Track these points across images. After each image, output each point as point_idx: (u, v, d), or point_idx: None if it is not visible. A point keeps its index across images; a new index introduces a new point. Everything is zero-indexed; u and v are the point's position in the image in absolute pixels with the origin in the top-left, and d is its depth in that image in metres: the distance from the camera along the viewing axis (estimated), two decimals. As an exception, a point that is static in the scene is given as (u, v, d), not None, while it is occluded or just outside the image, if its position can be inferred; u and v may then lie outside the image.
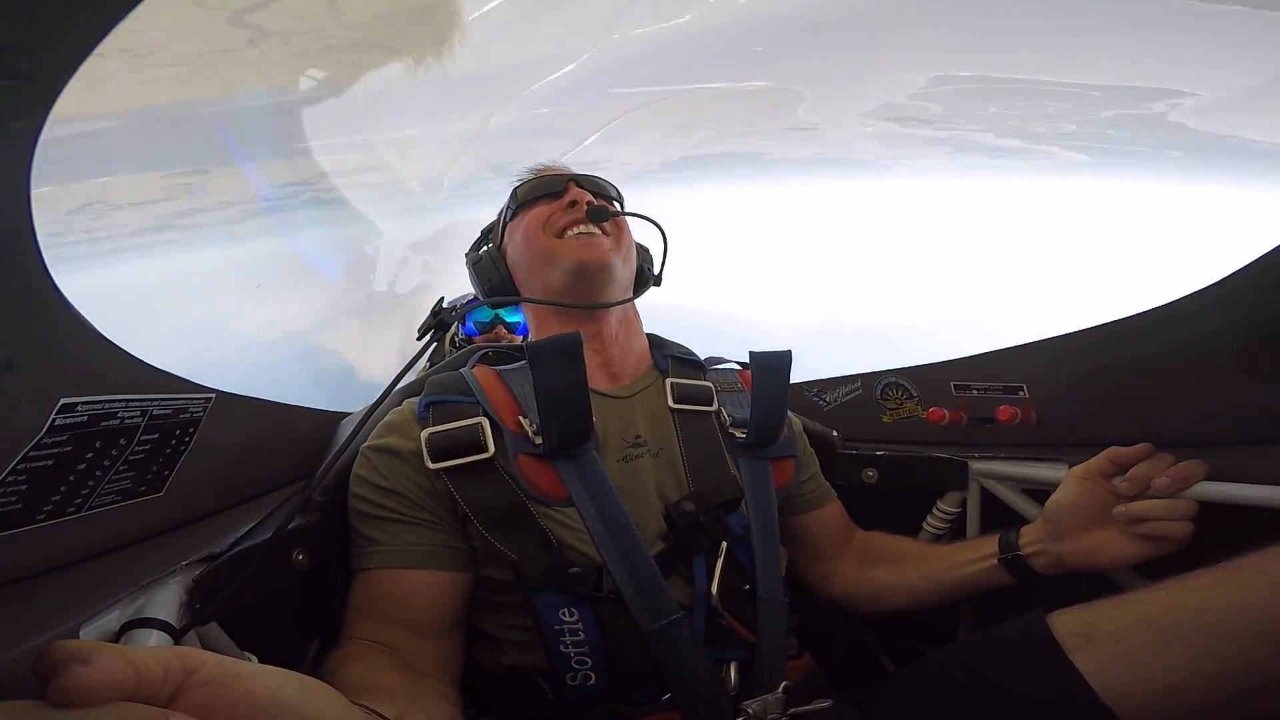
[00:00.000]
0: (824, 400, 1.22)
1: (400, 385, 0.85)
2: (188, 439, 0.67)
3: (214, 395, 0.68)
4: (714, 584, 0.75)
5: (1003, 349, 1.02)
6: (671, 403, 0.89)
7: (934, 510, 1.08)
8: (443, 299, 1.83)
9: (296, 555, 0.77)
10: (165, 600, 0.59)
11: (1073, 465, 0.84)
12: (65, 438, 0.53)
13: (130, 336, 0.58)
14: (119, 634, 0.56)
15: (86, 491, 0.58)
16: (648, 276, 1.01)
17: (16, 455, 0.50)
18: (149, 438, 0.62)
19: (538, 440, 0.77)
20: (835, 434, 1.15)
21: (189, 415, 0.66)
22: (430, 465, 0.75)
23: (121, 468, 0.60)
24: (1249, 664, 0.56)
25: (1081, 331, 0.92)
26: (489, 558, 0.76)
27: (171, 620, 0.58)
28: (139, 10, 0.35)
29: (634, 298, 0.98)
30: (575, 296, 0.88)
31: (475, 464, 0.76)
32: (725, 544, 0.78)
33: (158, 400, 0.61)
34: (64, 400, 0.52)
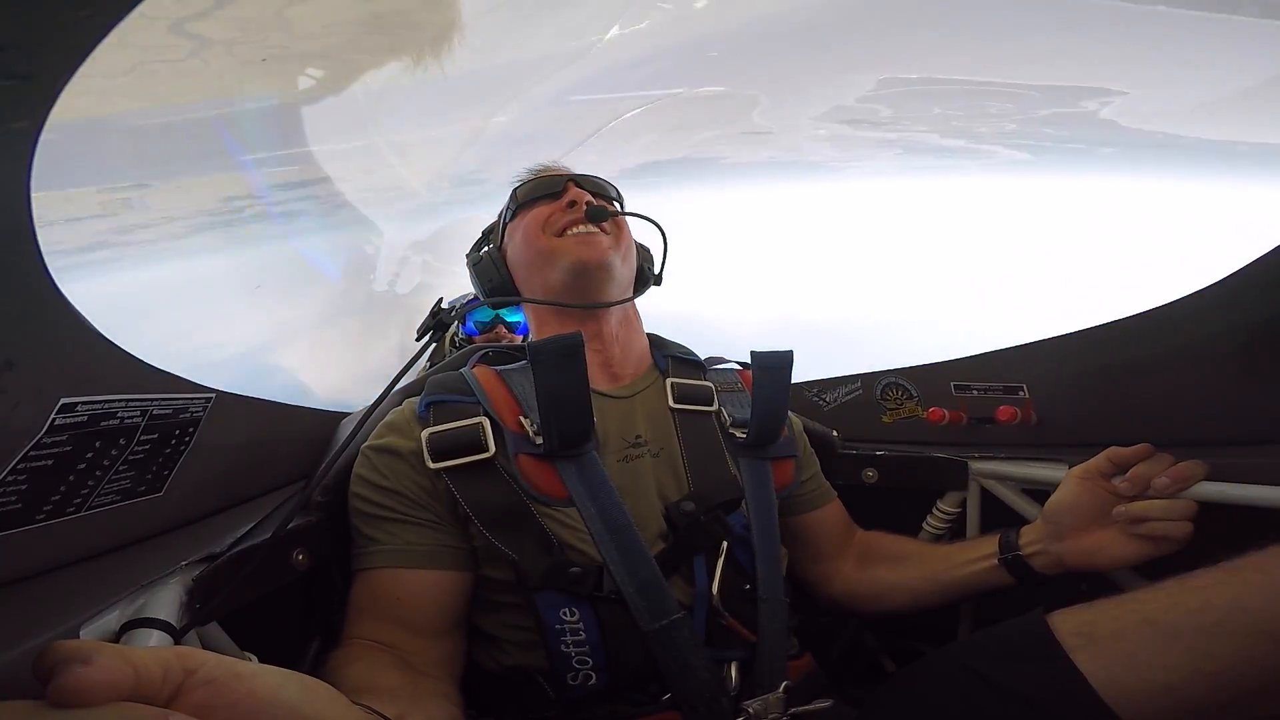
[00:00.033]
0: (824, 400, 1.22)
1: (400, 385, 0.85)
2: (187, 439, 0.67)
3: (214, 395, 0.68)
4: (714, 584, 0.75)
5: (1003, 349, 1.02)
6: (672, 403, 0.89)
7: (934, 510, 1.08)
8: (441, 300, 1.83)
9: (296, 555, 0.77)
10: (165, 600, 0.59)
11: (1073, 465, 0.84)
12: (65, 437, 0.53)
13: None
14: (119, 634, 0.55)
15: (86, 491, 0.58)
16: (648, 276, 1.01)
17: (16, 455, 0.50)
18: (149, 437, 0.62)
19: (538, 440, 0.77)
20: (835, 434, 1.15)
21: (189, 415, 0.66)
22: (431, 465, 0.75)
23: (121, 467, 0.60)
24: (1249, 663, 0.56)
25: (1081, 331, 0.92)
26: (489, 557, 0.76)
27: (171, 620, 0.58)
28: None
29: (634, 297, 0.98)
30: (575, 296, 0.88)
31: (476, 464, 0.76)
32: (725, 544, 0.78)
33: (157, 400, 0.61)
34: (64, 400, 0.52)
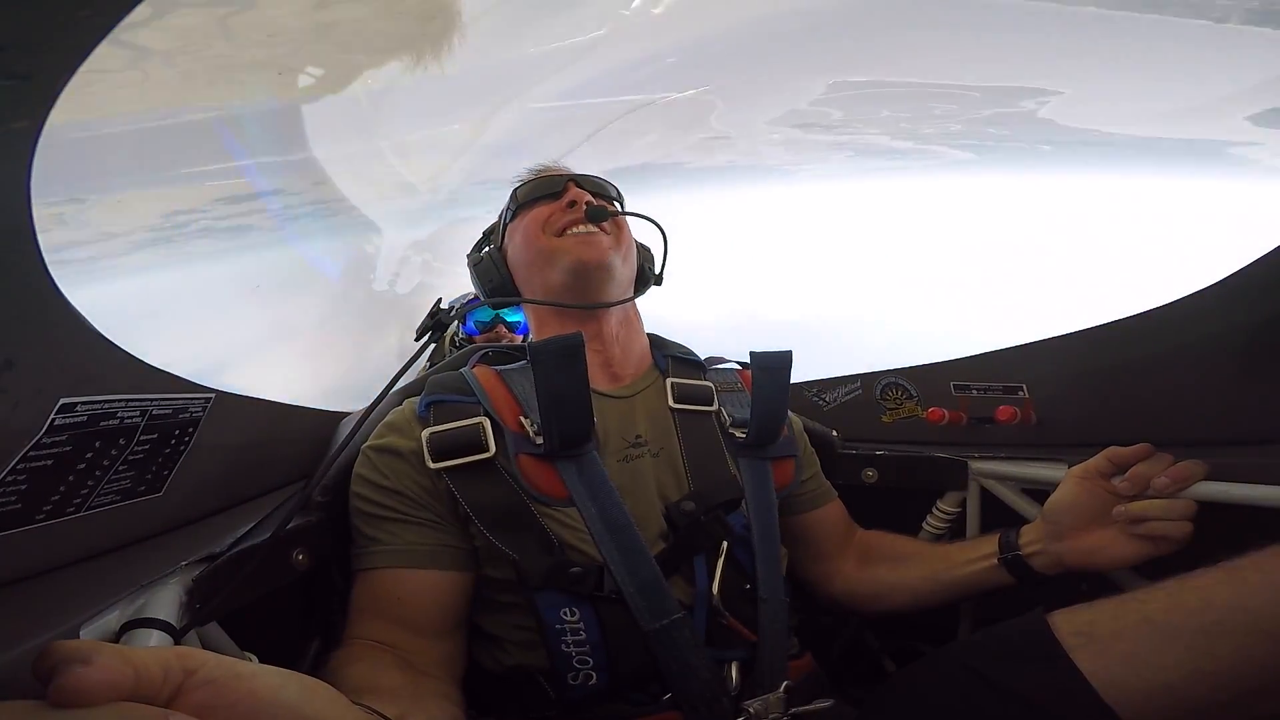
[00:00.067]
0: (824, 400, 1.22)
1: (399, 385, 0.85)
2: (187, 439, 0.67)
3: (213, 395, 0.68)
4: (715, 584, 0.75)
5: (1002, 349, 1.02)
6: (672, 402, 0.89)
7: (934, 510, 1.08)
8: (440, 300, 1.83)
9: (296, 555, 0.76)
10: (165, 600, 0.59)
11: (1072, 465, 0.84)
12: (65, 437, 0.53)
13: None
14: (119, 634, 0.55)
15: (86, 491, 0.58)
16: (648, 276, 1.01)
17: (16, 455, 0.50)
18: (148, 438, 0.62)
19: (539, 440, 0.77)
20: (835, 434, 1.15)
21: (188, 415, 0.66)
22: (431, 465, 0.75)
23: (121, 468, 0.60)
24: (1249, 663, 0.56)
25: (1081, 332, 0.92)
26: (490, 557, 0.76)
27: (171, 620, 0.58)
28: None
29: (635, 297, 0.98)
30: (575, 296, 0.88)
31: (476, 464, 0.76)
32: (726, 544, 0.78)
33: (157, 400, 0.61)
34: (63, 400, 0.52)
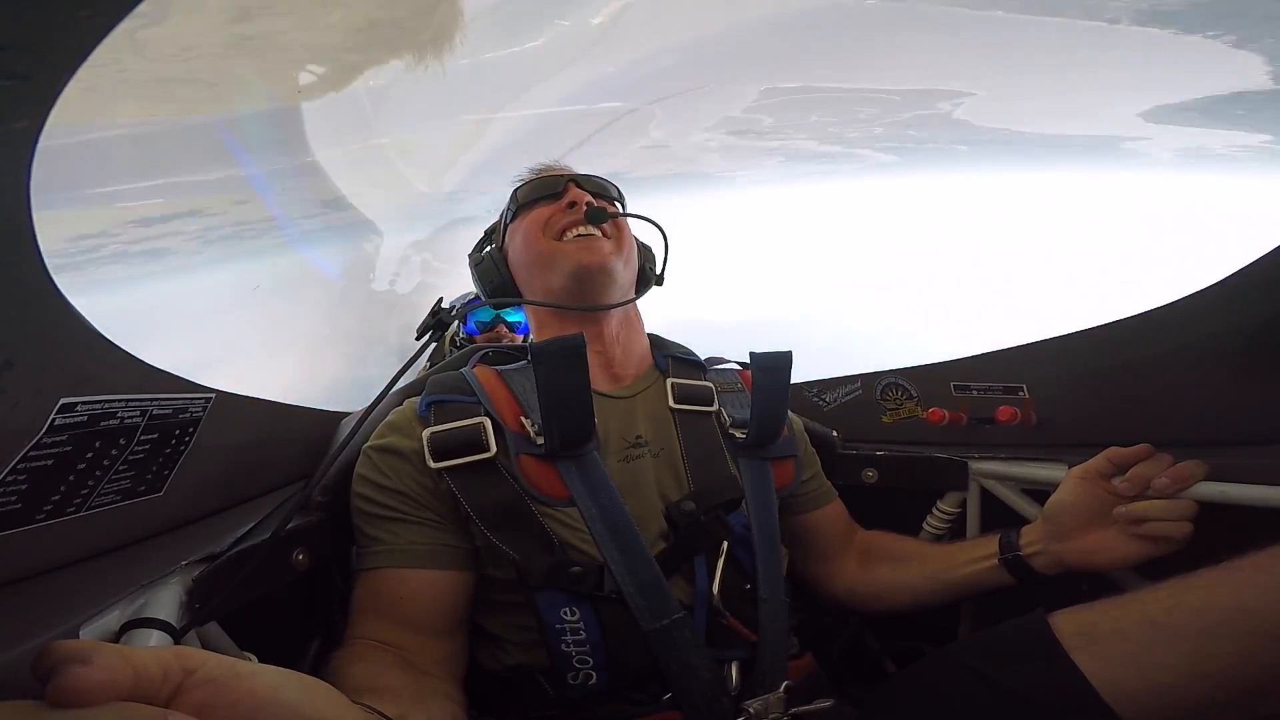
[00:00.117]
0: (824, 400, 1.22)
1: (400, 385, 0.85)
2: (188, 439, 0.67)
3: (214, 395, 0.68)
4: (715, 584, 0.75)
5: (1003, 349, 1.02)
6: (672, 403, 0.89)
7: (934, 510, 1.08)
8: (441, 299, 1.83)
9: (296, 555, 0.76)
10: (165, 600, 0.59)
11: (1072, 465, 0.84)
12: (65, 437, 0.53)
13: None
14: (119, 634, 0.55)
15: (86, 491, 0.58)
16: (649, 276, 1.01)
17: (16, 455, 0.50)
18: (149, 437, 0.62)
19: (539, 440, 0.77)
20: (835, 434, 1.15)
21: (189, 415, 0.66)
22: (432, 464, 0.75)
23: (121, 467, 0.60)
24: (1250, 663, 0.56)
25: (1082, 332, 0.92)
26: (491, 557, 0.76)
27: (171, 620, 0.58)
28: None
29: (636, 298, 0.98)
30: (576, 299, 0.88)
31: (477, 463, 0.76)
32: (726, 544, 0.78)
33: (157, 400, 0.61)
34: (64, 400, 0.52)
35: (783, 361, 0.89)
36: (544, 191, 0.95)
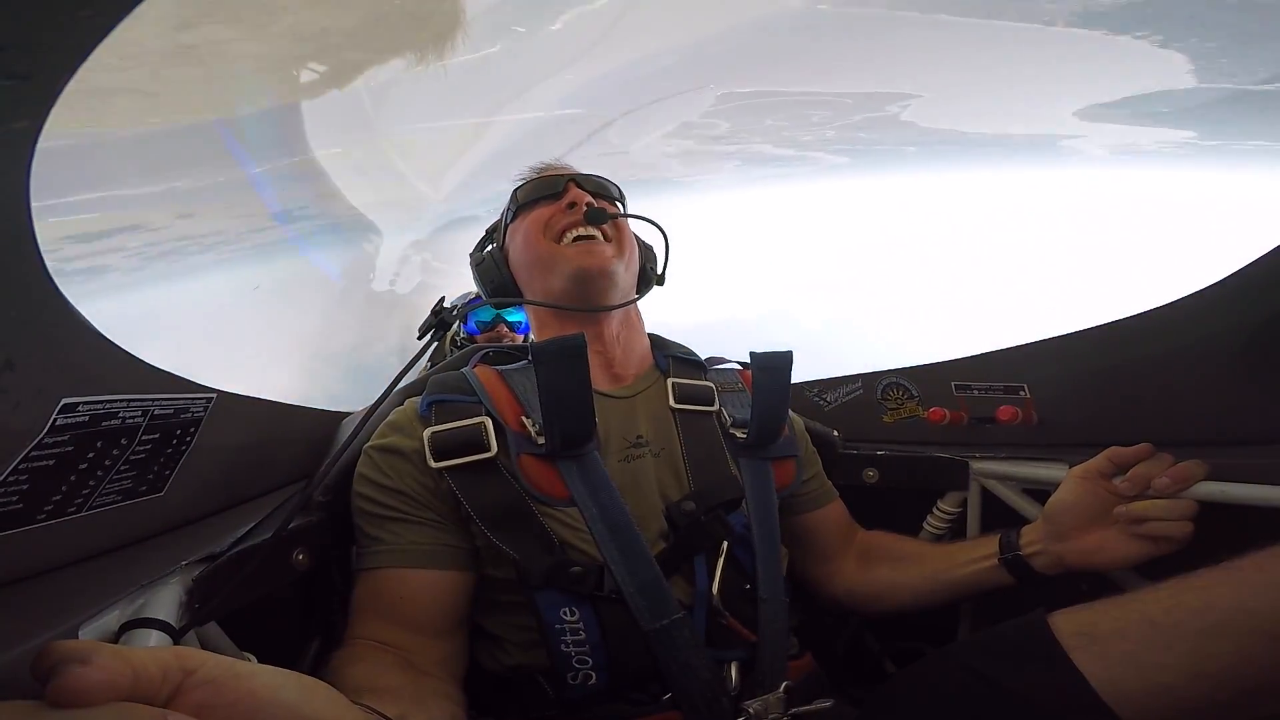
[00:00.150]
0: (825, 400, 1.22)
1: (401, 385, 0.85)
2: (189, 439, 0.67)
3: (215, 395, 0.68)
4: (715, 584, 0.75)
5: (1003, 349, 1.02)
6: (673, 403, 0.89)
7: (934, 510, 1.08)
8: (443, 299, 1.83)
9: (296, 555, 0.77)
10: (165, 600, 0.59)
11: (1073, 465, 0.84)
12: (66, 437, 0.53)
13: None
14: (118, 634, 0.55)
15: (87, 491, 0.58)
16: (650, 276, 1.01)
17: (17, 455, 0.50)
18: (150, 437, 0.62)
19: (540, 440, 0.77)
20: (836, 434, 1.15)
21: (190, 415, 0.66)
22: (433, 464, 0.75)
23: (123, 468, 0.60)
24: (1250, 663, 0.55)
25: (1082, 332, 0.92)
26: (491, 557, 0.76)
27: (171, 620, 0.58)
28: None
29: (637, 298, 0.98)
30: (576, 301, 0.88)
31: (478, 463, 0.76)
32: (726, 544, 0.78)
33: (159, 400, 0.61)
34: (65, 400, 0.52)
35: (783, 361, 0.89)
36: (544, 191, 0.95)
